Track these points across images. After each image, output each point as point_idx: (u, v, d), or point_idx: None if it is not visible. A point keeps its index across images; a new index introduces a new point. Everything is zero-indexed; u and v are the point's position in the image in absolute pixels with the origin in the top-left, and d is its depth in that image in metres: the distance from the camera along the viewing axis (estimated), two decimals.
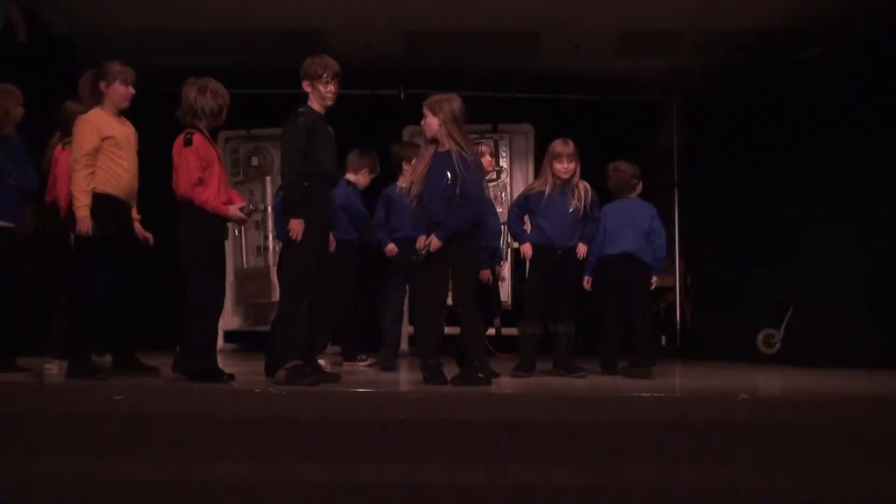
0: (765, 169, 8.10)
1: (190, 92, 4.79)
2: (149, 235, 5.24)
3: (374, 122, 8.38)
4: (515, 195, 7.85)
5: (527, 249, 5.73)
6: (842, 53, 7.43)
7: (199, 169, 4.71)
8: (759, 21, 7.48)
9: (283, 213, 4.79)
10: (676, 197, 8.91)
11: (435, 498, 3.62)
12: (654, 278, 5.93)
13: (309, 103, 4.85)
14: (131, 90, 4.98)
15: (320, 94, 4.80)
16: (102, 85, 4.95)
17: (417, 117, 5.01)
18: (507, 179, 8.69)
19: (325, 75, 4.77)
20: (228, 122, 5.54)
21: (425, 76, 8.54)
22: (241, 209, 4.80)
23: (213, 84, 4.86)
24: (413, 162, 5.26)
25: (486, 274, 5.74)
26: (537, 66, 8.60)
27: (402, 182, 6.04)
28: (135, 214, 5.18)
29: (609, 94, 9.04)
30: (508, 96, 8.73)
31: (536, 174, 8.54)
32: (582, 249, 5.73)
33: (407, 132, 8.00)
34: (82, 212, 4.73)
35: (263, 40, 8.05)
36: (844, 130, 7.32)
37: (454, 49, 8.18)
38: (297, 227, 4.63)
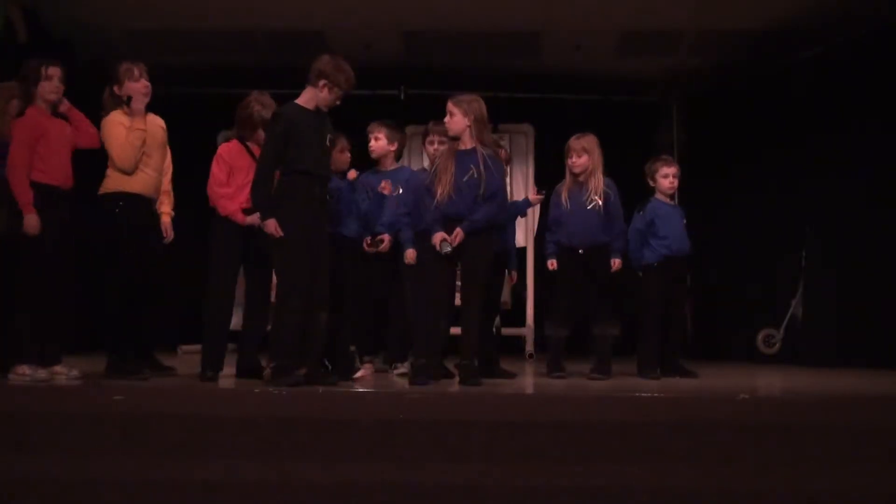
0: (764, 169, 8.12)
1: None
2: (171, 235, 5.38)
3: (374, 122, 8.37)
4: (515, 195, 7.85)
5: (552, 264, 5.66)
6: (842, 53, 7.43)
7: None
8: (759, 21, 7.50)
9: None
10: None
11: (435, 498, 3.62)
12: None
13: (298, 99, 4.75)
14: (144, 82, 4.95)
15: (318, 97, 4.71)
16: (116, 89, 4.96)
17: (417, 117, 5.02)
18: (508, 179, 8.68)
19: (336, 87, 4.68)
20: (227, 122, 5.56)
21: (425, 76, 8.56)
22: None
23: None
24: (437, 163, 5.09)
25: (514, 275, 6.00)
26: (537, 66, 8.62)
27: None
28: (169, 210, 5.36)
29: (609, 94, 9.05)
30: (508, 96, 8.73)
31: (537, 174, 8.59)
32: (616, 263, 5.52)
33: (407, 132, 7.99)
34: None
35: (263, 40, 8.06)
36: (844, 130, 7.32)
37: (454, 49, 8.19)
38: (269, 226, 4.59)
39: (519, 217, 6.41)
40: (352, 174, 5.57)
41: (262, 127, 5.07)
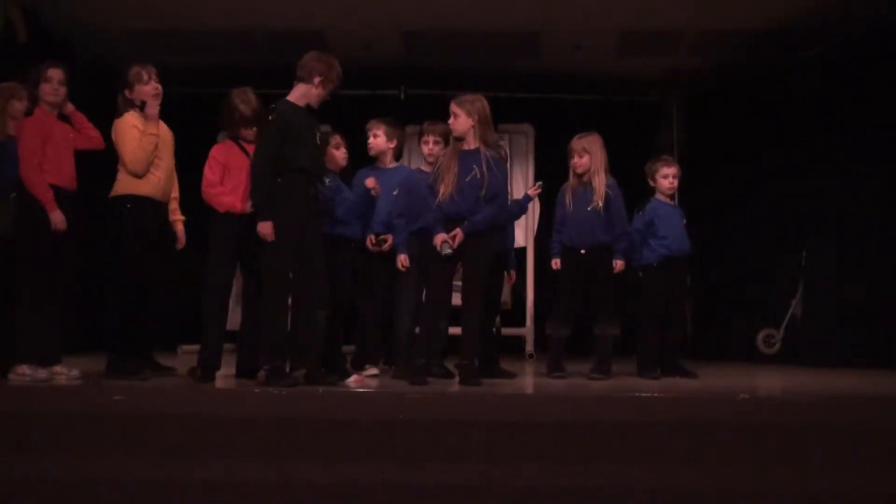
0: (764, 169, 8.11)
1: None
2: (183, 242, 5.37)
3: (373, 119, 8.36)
4: (515, 195, 7.84)
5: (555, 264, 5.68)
6: (842, 53, 7.43)
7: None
8: (759, 21, 7.50)
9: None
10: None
11: (435, 498, 3.62)
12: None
13: (290, 97, 4.72)
14: (154, 84, 4.95)
15: (312, 93, 4.69)
16: (127, 93, 4.97)
17: (417, 117, 5.02)
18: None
19: (330, 83, 4.68)
20: None
21: (425, 76, 8.56)
22: None
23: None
24: (440, 162, 5.07)
25: (513, 275, 5.96)
26: (537, 66, 8.62)
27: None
28: (179, 215, 5.34)
29: (609, 94, 9.05)
30: (508, 96, 8.73)
31: (537, 174, 8.59)
32: (618, 265, 5.50)
33: (407, 132, 7.98)
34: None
35: (263, 40, 8.06)
36: (844, 130, 7.32)
37: (454, 49, 8.19)
38: (264, 229, 4.55)
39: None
40: (375, 188, 5.50)
41: (244, 124, 5.07)
